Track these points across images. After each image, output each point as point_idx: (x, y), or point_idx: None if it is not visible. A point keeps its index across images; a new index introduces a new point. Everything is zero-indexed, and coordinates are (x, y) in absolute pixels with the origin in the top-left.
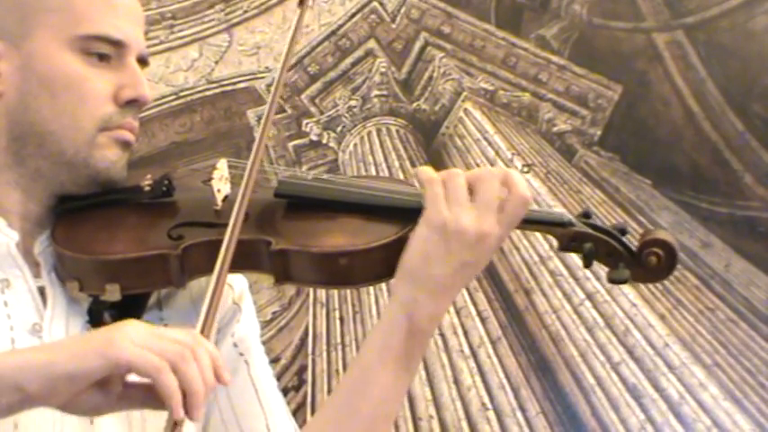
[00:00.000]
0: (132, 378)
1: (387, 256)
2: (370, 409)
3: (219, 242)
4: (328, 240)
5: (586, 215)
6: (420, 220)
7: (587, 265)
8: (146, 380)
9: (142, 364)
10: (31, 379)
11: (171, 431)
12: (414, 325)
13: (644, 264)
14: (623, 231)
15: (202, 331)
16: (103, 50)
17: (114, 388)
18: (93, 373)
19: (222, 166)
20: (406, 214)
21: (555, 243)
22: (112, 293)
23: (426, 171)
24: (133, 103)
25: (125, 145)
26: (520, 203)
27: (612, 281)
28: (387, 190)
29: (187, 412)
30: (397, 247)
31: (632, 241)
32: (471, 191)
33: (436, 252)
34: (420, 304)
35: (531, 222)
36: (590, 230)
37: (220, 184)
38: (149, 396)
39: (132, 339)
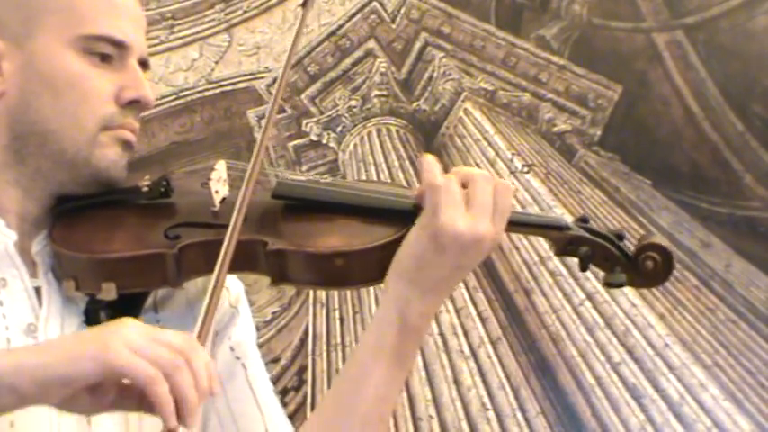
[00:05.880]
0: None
1: (383, 258)
2: (365, 407)
3: (217, 243)
4: (325, 241)
5: (584, 219)
6: (416, 222)
7: (584, 268)
8: None
9: (135, 372)
10: (25, 380)
11: None
12: (406, 322)
13: (640, 268)
14: (620, 236)
15: (200, 333)
16: (106, 51)
17: (108, 391)
18: (86, 378)
19: (220, 167)
20: (403, 216)
21: (552, 247)
22: (108, 292)
23: (431, 172)
24: (134, 104)
25: (126, 145)
26: (505, 193)
27: (609, 285)
28: (384, 192)
29: (181, 420)
30: (394, 248)
31: (629, 246)
32: (465, 192)
33: (430, 255)
34: (411, 302)
35: (528, 225)
36: (587, 234)
37: (218, 186)
38: (145, 400)
39: (128, 343)
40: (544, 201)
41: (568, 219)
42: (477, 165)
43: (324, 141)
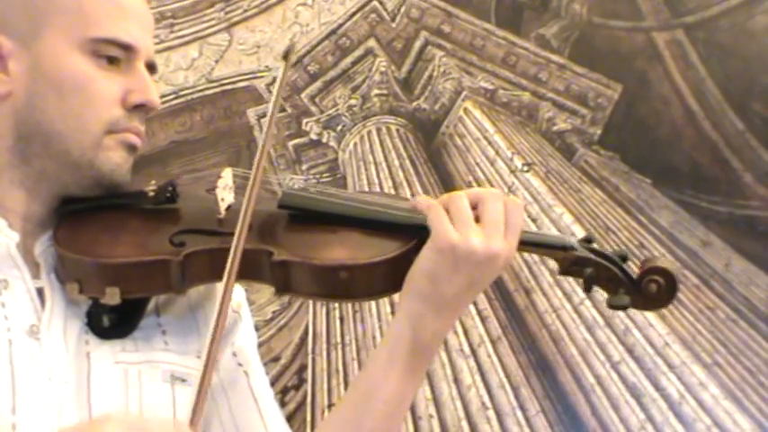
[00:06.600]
0: None
1: (387, 272)
2: (373, 422)
3: (221, 250)
4: (330, 253)
5: (588, 240)
6: (428, 242)
7: (587, 289)
8: None
9: None
10: None
11: None
12: (418, 340)
13: (644, 291)
14: (624, 258)
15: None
16: (113, 53)
17: None
18: None
19: (227, 175)
20: (409, 230)
21: (555, 266)
22: (112, 297)
23: (423, 200)
24: (141, 108)
25: (131, 149)
26: (516, 210)
27: (612, 307)
28: (390, 206)
29: None
30: (399, 262)
31: (633, 268)
32: (475, 212)
33: (444, 273)
34: (425, 320)
35: (534, 245)
36: (591, 256)
37: (224, 193)
38: None
39: None
40: (544, 200)
41: (573, 239)
42: (477, 164)
43: (324, 140)
